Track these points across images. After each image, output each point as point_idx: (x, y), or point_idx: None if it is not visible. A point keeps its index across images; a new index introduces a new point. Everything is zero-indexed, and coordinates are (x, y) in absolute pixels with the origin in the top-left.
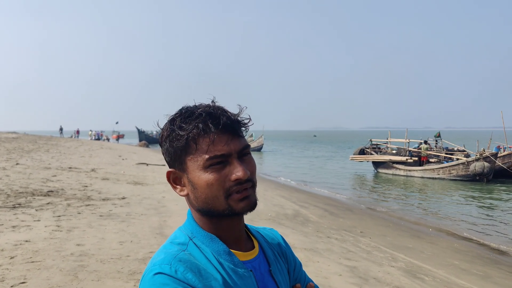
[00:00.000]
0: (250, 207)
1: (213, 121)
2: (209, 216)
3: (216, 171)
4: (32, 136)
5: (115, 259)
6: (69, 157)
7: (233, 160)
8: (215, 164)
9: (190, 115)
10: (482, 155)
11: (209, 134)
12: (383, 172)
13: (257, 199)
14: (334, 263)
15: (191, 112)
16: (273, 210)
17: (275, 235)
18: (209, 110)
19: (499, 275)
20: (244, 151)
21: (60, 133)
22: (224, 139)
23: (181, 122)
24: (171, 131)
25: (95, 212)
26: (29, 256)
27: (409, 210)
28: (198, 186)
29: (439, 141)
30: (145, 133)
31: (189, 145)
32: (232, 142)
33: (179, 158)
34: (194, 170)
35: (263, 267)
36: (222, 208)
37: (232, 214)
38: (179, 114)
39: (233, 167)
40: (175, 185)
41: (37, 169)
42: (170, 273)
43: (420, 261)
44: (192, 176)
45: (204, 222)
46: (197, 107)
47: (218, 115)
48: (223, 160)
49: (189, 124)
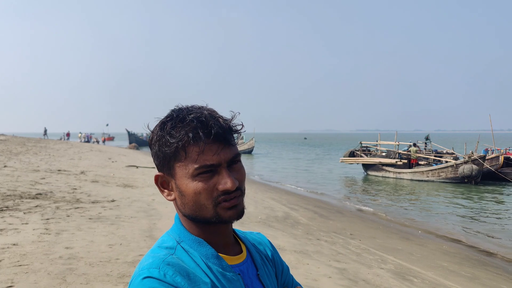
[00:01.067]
0: (238, 216)
1: (204, 130)
2: (196, 222)
3: (204, 180)
4: (21, 138)
5: (104, 262)
6: (58, 159)
7: (222, 170)
8: (204, 173)
9: (181, 120)
10: (471, 158)
11: (199, 143)
12: (373, 175)
13: (245, 207)
14: (323, 265)
15: (183, 117)
16: (264, 212)
17: (262, 240)
18: (201, 117)
19: (487, 277)
20: (234, 159)
21: (44, 134)
22: (214, 148)
23: (171, 128)
24: (160, 136)
25: (84, 215)
26: (16, 259)
27: (399, 212)
28: (185, 194)
29: (428, 143)
30: (135, 136)
31: (178, 153)
32: (222, 151)
33: (168, 163)
34: (182, 177)
35: (251, 271)
36: (209, 215)
37: (219, 222)
38: (170, 118)
39: (222, 177)
40: (163, 189)
41: (26, 171)
42: (159, 276)
43: (409, 263)
44: (180, 183)
45: (192, 227)
46: (189, 111)
47: (210, 124)
48: (212, 169)
49: (180, 131)
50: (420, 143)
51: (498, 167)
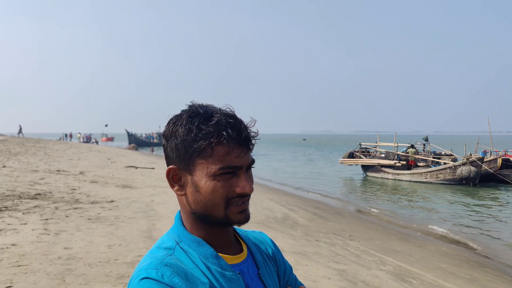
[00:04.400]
0: (246, 220)
1: (234, 132)
2: (201, 220)
3: (225, 181)
4: (20, 138)
5: (103, 263)
6: (57, 159)
7: (241, 173)
8: (226, 173)
9: (208, 118)
10: (469, 160)
11: (228, 144)
12: (371, 176)
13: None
14: (323, 266)
15: (210, 115)
16: (263, 213)
17: (264, 238)
18: (229, 119)
19: (485, 278)
20: (250, 165)
21: (18, 132)
22: (239, 151)
23: (200, 123)
24: (188, 130)
25: (83, 215)
26: (15, 259)
27: (398, 213)
28: (202, 190)
29: (426, 145)
30: (135, 136)
31: (205, 149)
32: (245, 156)
33: (189, 158)
34: (202, 174)
35: (252, 271)
36: (219, 216)
37: (227, 224)
38: (197, 113)
39: (240, 180)
40: (174, 183)
41: (25, 171)
42: (156, 277)
43: (408, 264)
44: (198, 179)
45: (193, 226)
46: (213, 111)
47: (240, 127)
48: (233, 171)
49: (209, 129)
50: (419, 144)
51: (497, 169)
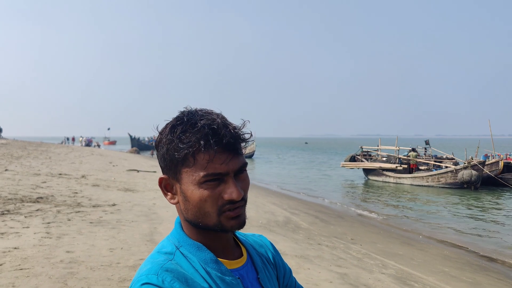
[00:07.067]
0: (239, 226)
1: (215, 138)
2: (197, 227)
3: (211, 188)
4: (22, 142)
5: (105, 266)
6: (59, 163)
7: (229, 179)
8: (210, 181)
9: (192, 125)
10: (470, 163)
11: (209, 151)
12: (373, 179)
13: (246, 217)
14: (324, 270)
15: (194, 122)
16: (264, 217)
17: (264, 242)
18: (213, 125)
19: (488, 282)
20: (241, 169)
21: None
22: (224, 157)
23: (182, 132)
24: (170, 140)
25: (85, 218)
26: (17, 263)
27: (399, 217)
28: (190, 200)
29: (428, 148)
30: (138, 140)
31: (187, 158)
32: (231, 161)
33: (175, 167)
34: (188, 183)
35: (251, 275)
36: (212, 223)
37: (221, 231)
38: (181, 122)
39: (228, 186)
40: (166, 192)
41: (27, 175)
42: (157, 283)
43: (411, 268)
44: (185, 188)
45: (192, 231)
46: (200, 116)
47: (222, 133)
48: (219, 178)
49: (190, 137)
50: (420, 148)
51: (498, 173)
